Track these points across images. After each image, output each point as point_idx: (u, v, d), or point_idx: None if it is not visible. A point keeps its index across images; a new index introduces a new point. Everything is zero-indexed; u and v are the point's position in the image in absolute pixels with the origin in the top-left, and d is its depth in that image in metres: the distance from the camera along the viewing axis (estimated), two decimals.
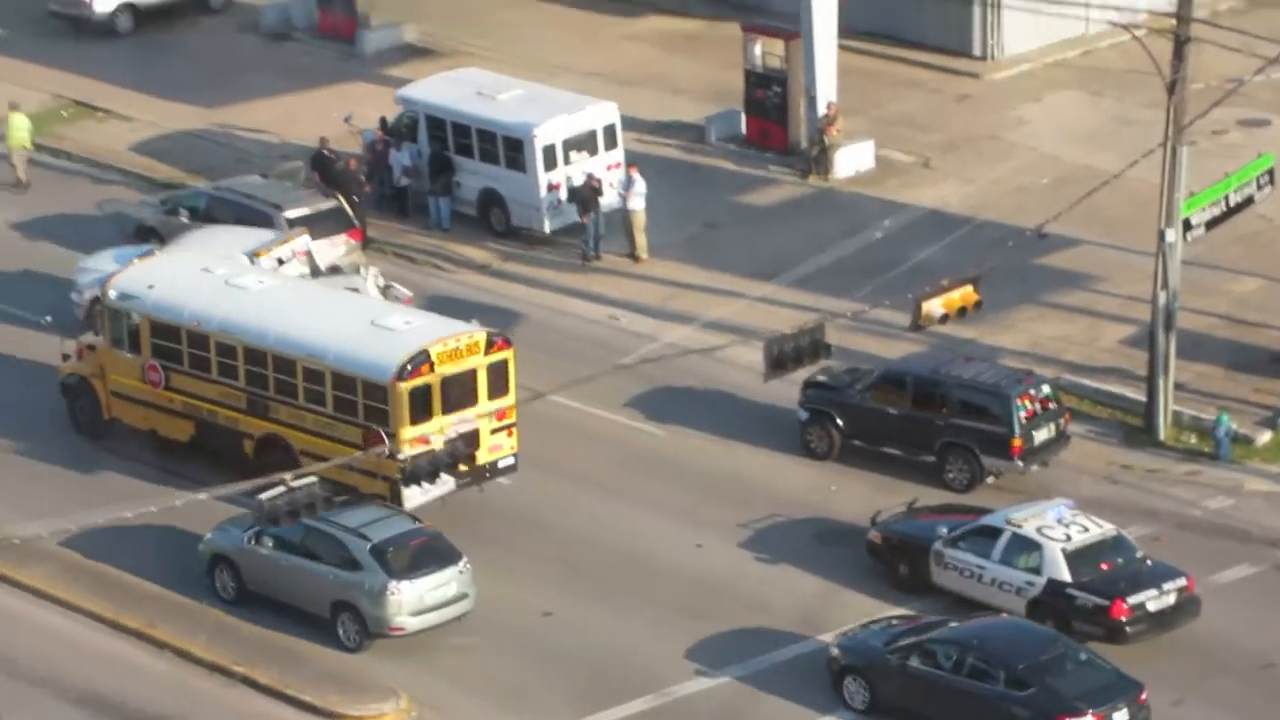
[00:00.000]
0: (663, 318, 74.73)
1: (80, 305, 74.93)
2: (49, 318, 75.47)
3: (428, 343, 70.50)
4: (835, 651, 58.34)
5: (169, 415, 71.63)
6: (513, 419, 75.76)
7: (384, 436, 68.13)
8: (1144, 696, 55.93)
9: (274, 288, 75.39)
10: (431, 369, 69.49)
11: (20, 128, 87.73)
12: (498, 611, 62.38)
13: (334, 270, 74.77)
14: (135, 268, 74.80)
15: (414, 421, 68.55)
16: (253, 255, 72.79)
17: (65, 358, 74.26)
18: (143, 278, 73.06)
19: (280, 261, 73.29)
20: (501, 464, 74.03)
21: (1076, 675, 56.48)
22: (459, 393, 71.59)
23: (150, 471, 67.30)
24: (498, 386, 74.32)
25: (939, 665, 56.25)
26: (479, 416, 73.29)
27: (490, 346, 72.27)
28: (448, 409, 70.55)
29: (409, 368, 68.68)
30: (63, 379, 75.80)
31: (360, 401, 69.42)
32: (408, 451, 65.29)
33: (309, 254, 72.89)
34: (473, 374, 72.75)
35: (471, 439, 69.51)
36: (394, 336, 71.57)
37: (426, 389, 69.60)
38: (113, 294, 72.32)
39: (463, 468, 68.29)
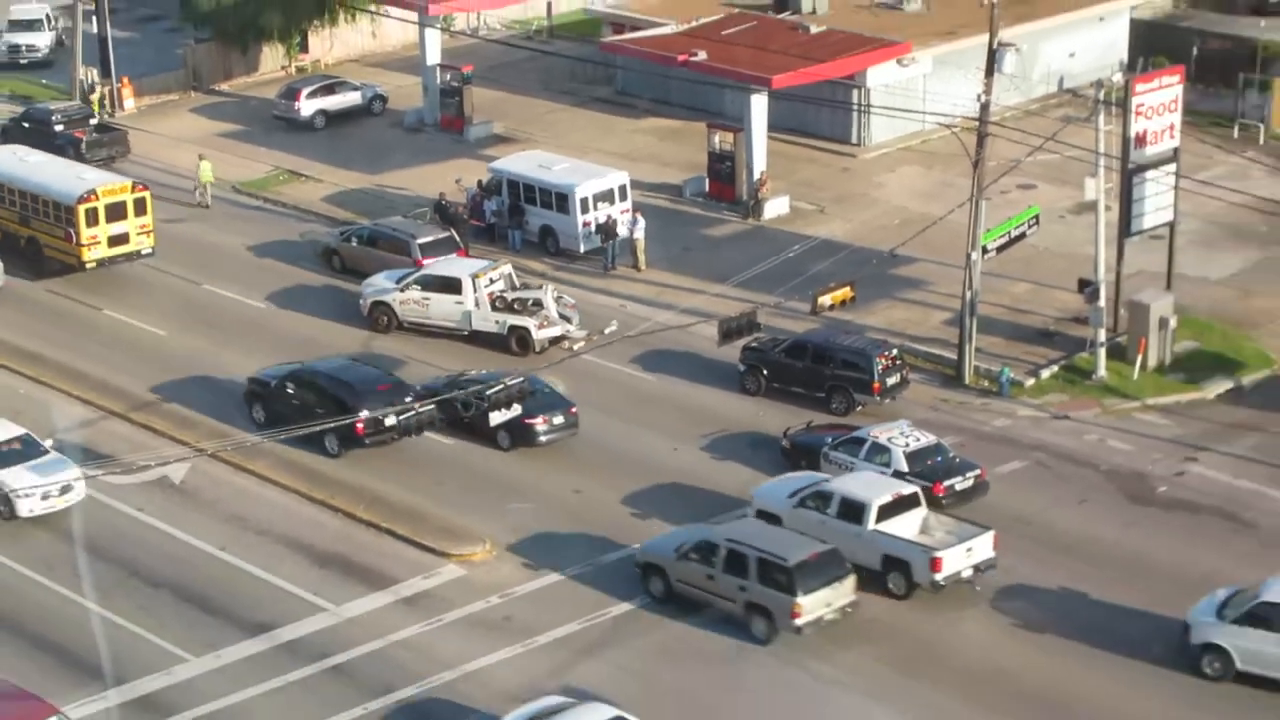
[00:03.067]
0: (654, 306, 74.91)
1: (363, 306, 74.99)
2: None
3: (96, 184, 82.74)
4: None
5: None
6: (151, 228, 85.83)
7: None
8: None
9: (39, 161, 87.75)
10: (97, 198, 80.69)
11: (206, 170, 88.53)
12: (545, 489, 63.59)
13: (525, 286, 74.63)
14: None
15: (88, 227, 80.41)
16: (474, 276, 72.77)
17: None
18: None
19: (491, 280, 73.23)
20: (143, 252, 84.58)
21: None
22: (114, 212, 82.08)
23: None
24: (139, 210, 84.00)
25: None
26: (129, 228, 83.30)
27: (134, 188, 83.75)
28: (109, 220, 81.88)
29: (83, 196, 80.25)
30: None
31: (64, 216, 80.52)
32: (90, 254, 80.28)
33: (510, 275, 73.06)
34: (123, 204, 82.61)
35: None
36: (80, 182, 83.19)
37: (94, 209, 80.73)
38: None
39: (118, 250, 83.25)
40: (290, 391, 65.94)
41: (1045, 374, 70.88)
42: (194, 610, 55.47)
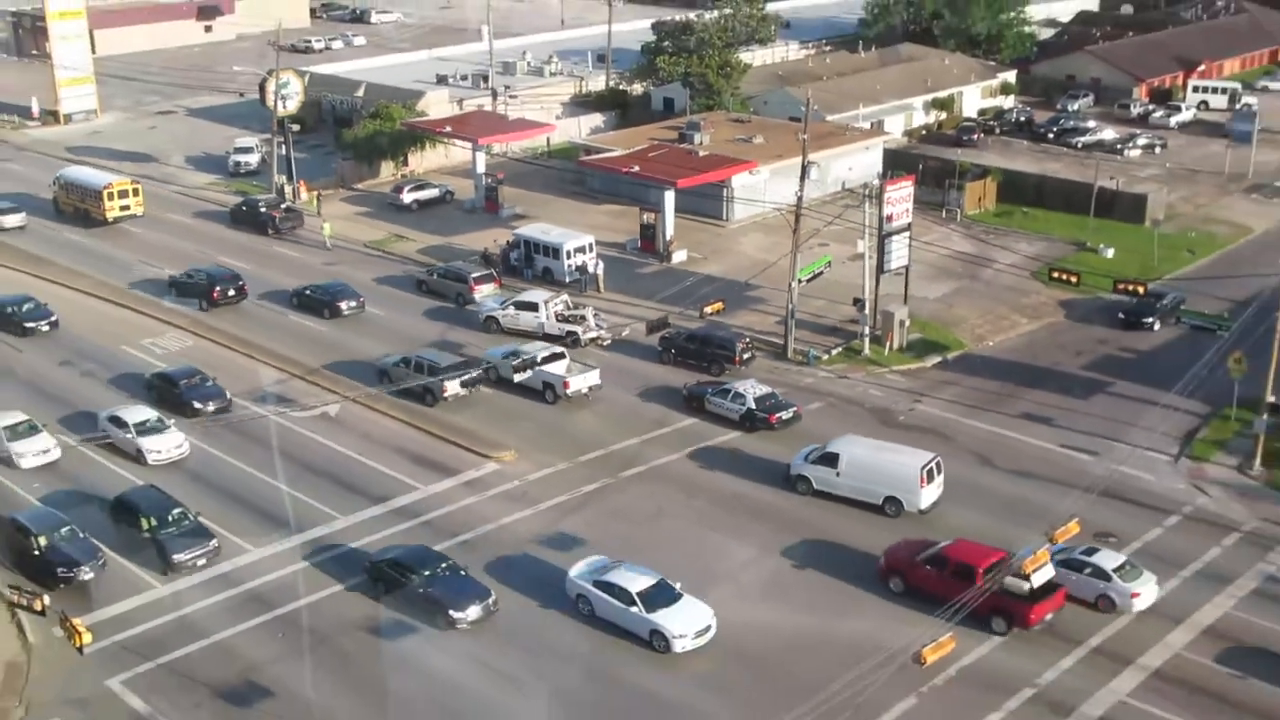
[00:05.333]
0: (611, 313, 75.21)
1: (480, 316, 73.83)
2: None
3: (113, 180, 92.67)
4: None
5: None
6: (142, 203, 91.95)
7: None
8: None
9: (83, 170, 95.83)
10: (113, 186, 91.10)
11: (328, 228, 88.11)
12: (557, 420, 63.54)
13: (576, 307, 73.13)
14: None
15: (108, 201, 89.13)
16: (546, 301, 72.25)
17: None
18: None
19: (548, 304, 72.12)
20: (137, 215, 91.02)
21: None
22: (122, 195, 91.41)
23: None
24: (135, 194, 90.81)
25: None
26: (130, 202, 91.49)
27: (133, 183, 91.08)
28: (120, 198, 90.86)
29: (106, 185, 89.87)
30: None
31: (97, 195, 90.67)
32: None
33: (566, 300, 73.26)
34: (127, 189, 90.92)
35: None
36: (104, 177, 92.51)
37: (111, 192, 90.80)
38: None
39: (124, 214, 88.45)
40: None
41: (834, 352, 70.44)
42: (342, 489, 56.30)
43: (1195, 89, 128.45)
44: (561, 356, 65.56)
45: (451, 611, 45.62)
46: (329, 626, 46.20)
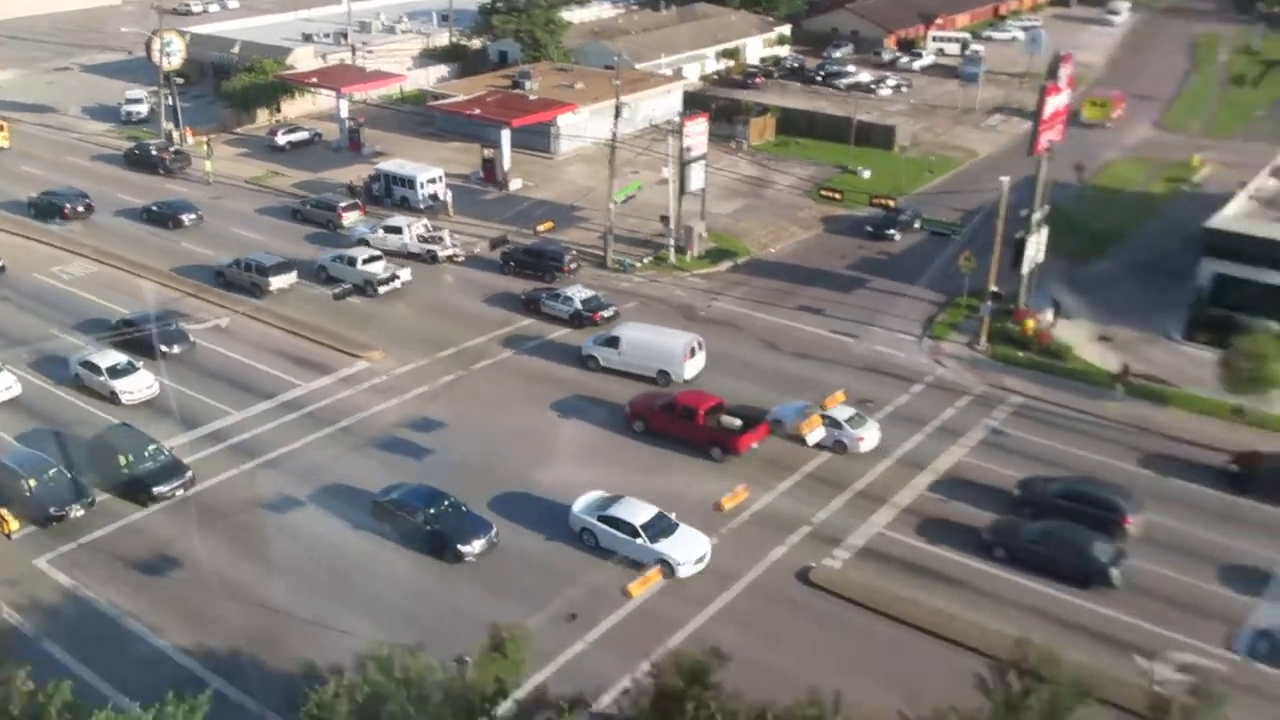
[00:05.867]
0: (460, 234, 73.81)
1: (354, 240, 70.69)
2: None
3: None
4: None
5: None
6: (9, 136, 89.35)
7: None
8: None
9: None
10: None
11: (209, 165, 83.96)
12: (403, 320, 61.99)
13: (436, 229, 71.07)
14: None
15: None
16: (409, 225, 70.03)
17: None
18: None
19: (410, 227, 70.07)
20: (4, 147, 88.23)
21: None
22: None
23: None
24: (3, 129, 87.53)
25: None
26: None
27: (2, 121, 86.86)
28: None
29: None
30: None
31: None
32: None
33: (426, 224, 71.04)
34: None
35: None
36: None
37: None
38: None
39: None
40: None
41: (646, 261, 70.12)
42: (236, 388, 54.81)
43: (934, 39, 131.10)
44: (379, 259, 65.78)
45: (459, 546, 40.89)
46: (225, 505, 45.21)
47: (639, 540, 40.49)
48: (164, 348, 56.59)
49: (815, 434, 48.80)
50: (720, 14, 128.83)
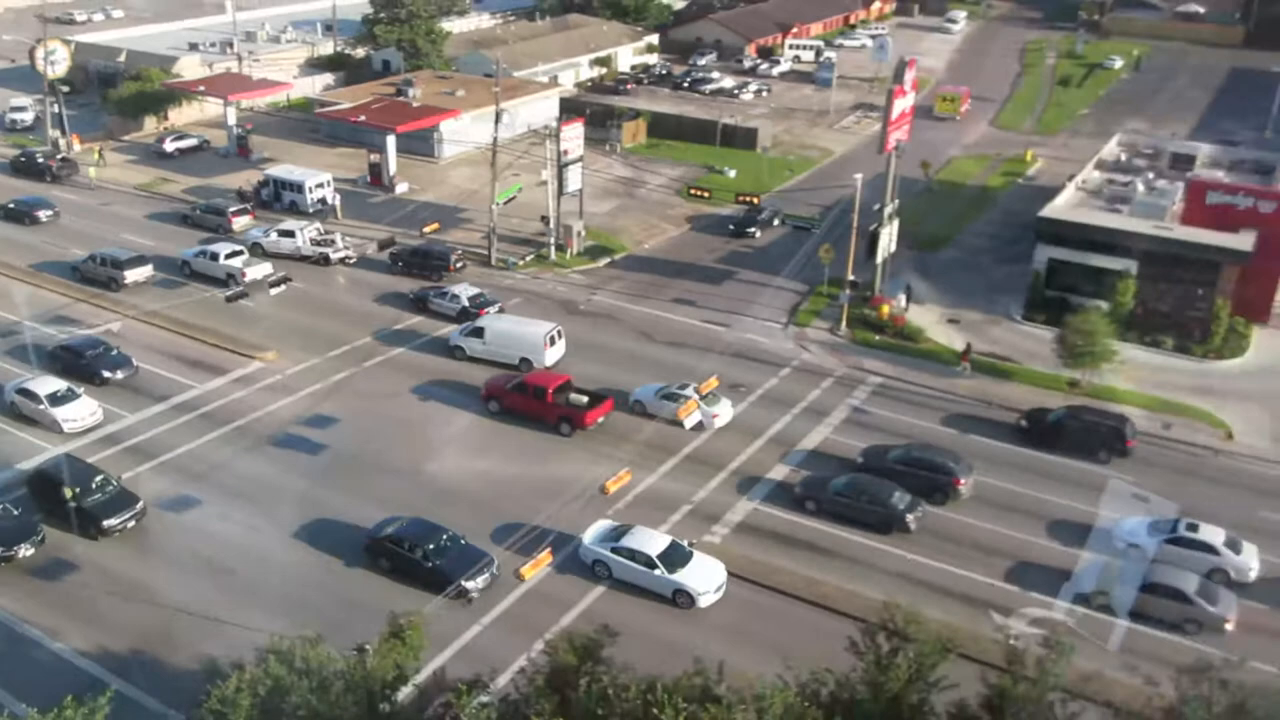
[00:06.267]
0: (349, 236, 72.23)
1: (249, 244, 67.82)
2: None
3: None
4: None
5: None
6: None
7: None
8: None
9: None
10: None
11: (92, 171, 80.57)
12: (296, 320, 59.97)
13: (328, 233, 68.98)
14: None
15: None
16: (302, 229, 67.61)
17: None
18: None
19: (303, 230, 67.76)
20: None
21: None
22: None
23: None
24: None
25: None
26: None
27: None
28: None
29: None
30: None
31: None
32: None
33: (319, 228, 69.17)
34: None
35: None
36: None
37: None
38: None
39: None
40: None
41: (528, 259, 69.11)
42: (129, 391, 52.77)
43: (791, 46, 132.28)
44: (241, 254, 64.56)
45: (464, 584, 37.19)
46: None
47: (656, 571, 37.49)
48: (106, 374, 52.21)
49: (692, 418, 48.86)
50: (592, 24, 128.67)
